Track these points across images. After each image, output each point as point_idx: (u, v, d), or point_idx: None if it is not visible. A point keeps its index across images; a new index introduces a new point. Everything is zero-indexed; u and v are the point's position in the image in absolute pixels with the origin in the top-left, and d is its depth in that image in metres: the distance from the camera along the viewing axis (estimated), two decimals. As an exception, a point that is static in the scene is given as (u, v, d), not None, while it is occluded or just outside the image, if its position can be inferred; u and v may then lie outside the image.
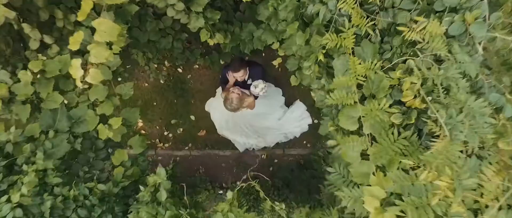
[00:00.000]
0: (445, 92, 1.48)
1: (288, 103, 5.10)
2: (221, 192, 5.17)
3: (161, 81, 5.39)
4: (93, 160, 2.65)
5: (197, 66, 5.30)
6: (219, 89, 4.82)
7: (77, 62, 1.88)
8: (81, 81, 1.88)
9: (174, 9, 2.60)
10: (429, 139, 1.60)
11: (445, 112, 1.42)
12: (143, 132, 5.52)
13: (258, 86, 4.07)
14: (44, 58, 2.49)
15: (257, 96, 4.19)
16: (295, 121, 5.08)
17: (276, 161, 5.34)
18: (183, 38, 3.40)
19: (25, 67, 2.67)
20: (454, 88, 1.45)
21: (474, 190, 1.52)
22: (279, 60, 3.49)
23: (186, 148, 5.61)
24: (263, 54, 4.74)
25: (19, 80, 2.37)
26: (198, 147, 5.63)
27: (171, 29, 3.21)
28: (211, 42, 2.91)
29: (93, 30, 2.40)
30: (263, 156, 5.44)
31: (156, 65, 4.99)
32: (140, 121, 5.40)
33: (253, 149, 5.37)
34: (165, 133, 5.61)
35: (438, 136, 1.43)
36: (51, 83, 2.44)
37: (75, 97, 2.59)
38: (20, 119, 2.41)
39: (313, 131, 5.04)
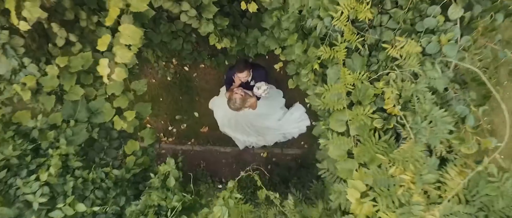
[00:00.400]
0: (418, 102, 1.77)
1: (288, 105, 5.38)
2: (220, 186, 5.47)
3: (168, 78, 5.69)
4: (107, 148, 2.95)
5: (203, 65, 5.60)
6: (223, 89, 5.12)
7: (104, 62, 2.18)
8: (107, 78, 2.17)
9: (187, 15, 2.89)
10: (404, 142, 1.89)
11: (412, 119, 1.71)
12: (148, 125, 5.82)
13: (261, 88, 4.36)
14: (63, 53, 2.80)
15: (259, 97, 4.49)
16: (294, 122, 5.36)
17: (274, 159, 5.63)
18: (193, 40, 3.70)
19: (47, 61, 2.98)
20: (422, 100, 1.74)
21: (439, 187, 1.81)
22: (280, 64, 3.78)
23: (189, 143, 5.91)
24: (266, 57, 5.02)
25: (46, 74, 2.67)
26: (200, 143, 5.92)
27: (182, 32, 3.51)
28: (219, 46, 3.20)
29: (112, 30, 2.71)
30: (262, 154, 5.73)
31: (164, 63, 5.29)
32: (147, 115, 5.69)
33: (253, 147, 5.66)
34: (170, 128, 5.91)
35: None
36: (74, 77, 2.74)
37: (94, 91, 2.90)
38: (45, 108, 2.71)
39: (310, 133, 5.33)
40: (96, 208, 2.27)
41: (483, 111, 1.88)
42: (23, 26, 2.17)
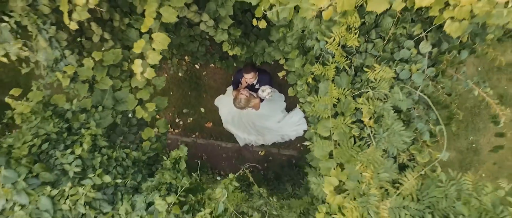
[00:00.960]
0: (382, 118, 2.25)
1: (289, 109, 5.87)
2: (219, 178, 5.96)
3: (180, 74, 6.19)
4: (127, 133, 3.46)
5: (212, 65, 6.10)
6: (230, 88, 5.62)
7: (138, 62, 2.68)
8: (141, 77, 2.67)
9: (206, 24, 3.39)
10: (374, 148, 2.38)
11: (378, 130, 2.20)
12: (157, 116, 6.34)
13: (265, 91, 4.86)
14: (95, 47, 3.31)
15: (263, 99, 4.99)
16: (293, 125, 5.85)
17: (270, 158, 6.13)
18: (207, 44, 4.20)
19: (80, 53, 3.48)
20: (386, 116, 2.22)
21: (398, 188, 2.30)
22: (283, 72, 4.25)
23: (193, 135, 6.42)
24: (272, 63, 5.52)
25: (82, 65, 3.17)
26: (203, 136, 6.43)
27: (198, 36, 4.01)
28: (231, 53, 3.70)
29: (140, 32, 3.22)
30: (260, 152, 6.22)
31: (177, 60, 5.79)
32: (157, 106, 6.21)
33: (252, 145, 6.15)
34: (177, 120, 6.42)
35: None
36: (105, 70, 3.25)
37: (120, 82, 3.40)
38: (78, 94, 3.22)
39: (306, 136, 5.83)
40: (118, 181, 2.77)
41: (439, 129, 2.37)
42: (73, 26, 2.68)
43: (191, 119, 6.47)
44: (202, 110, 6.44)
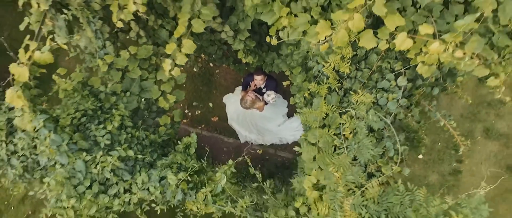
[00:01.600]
0: (356, 133, 2.86)
1: (290, 115, 6.49)
2: (217, 169, 6.59)
3: (194, 69, 6.83)
4: (146, 117, 4.09)
5: (225, 65, 6.72)
6: (239, 88, 6.25)
7: (168, 61, 3.31)
8: (170, 71, 3.30)
9: (226, 34, 4.01)
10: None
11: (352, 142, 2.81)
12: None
13: (270, 95, 5.48)
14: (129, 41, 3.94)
15: (267, 103, 5.60)
16: (291, 130, 6.46)
17: (267, 157, 6.75)
18: (224, 49, 4.82)
19: (114, 43, 4.11)
20: (359, 132, 2.83)
21: (363, 192, 2.91)
22: (287, 82, 4.85)
23: (199, 127, 7.06)
24: (278, 72, 6.13)
25: (119, 55, 3.81)
26: (208, 129, 7.06)
27: (218, 42, 4.64)
28: (244, 60, 4.32)
29: (169, 33, 3.86)
30: (258, 151, 6.84)
31: (194, 57, 6.42)
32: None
33: (251, 143, 6.77)
34: (186, 111, 7.06)
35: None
36: (137, 62, 3.88)
37: (147, 74, 4.03)
38: (112, 79, 3.85)
39: (302, 142, 6.44)
40: (139, 156, 3.40)
41: (404, 149, 2.98)
42: (119, 24, 3.31)
43: (200, 111, 7.11)
44: (211, 104, 7.08)
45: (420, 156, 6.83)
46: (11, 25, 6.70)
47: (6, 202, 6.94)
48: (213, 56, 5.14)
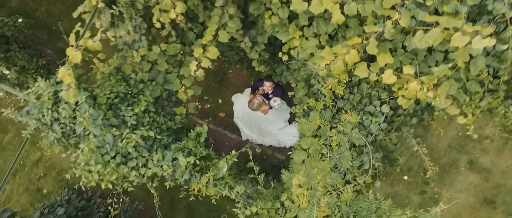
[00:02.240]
0: (339, 146, 3.52)
1: (291, 121, 7.14)
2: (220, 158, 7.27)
3: (210, 67, 7.48)
4: (165, 106, 4.77)
5: (239, 68, 7.40)
6: (248, 90, 6.92)
7: (194, 63, 3.99)
8: (195, 72, 3.98)
9: (245, 44, 4.68)
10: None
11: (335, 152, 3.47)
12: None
13: (276, 101, 6.15)
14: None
15: (272, 107, 6.27)
16: (290, 135, 7.12)
17: (264, 157, 7.42)
18: (241, 55, 5.49)
19: (147, 40, 4.78)
20: (342, 145, 3.48)
21: (338, 195, 3.56)
22: (292, 93, 5.52)
23: (207, 120, 7.74)
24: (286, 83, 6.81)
25: (151, 50, 4.49)
26: (214, 123, 7.75)
27: (237, 48, 5.31)
28: (257, 69, 4.98)
29: (197, 35, 4.53)
30: (257, 150, 7.51)
31: (212, 56, 7.09)
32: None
33: (252, 142, 7.44)
34: (197, 103, 7.73)
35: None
36: (165, 57, 4.56)
37: (172, 68, 4.71)
38: (142, 69, 4.54)
39: (299, 147, 7.10)
40: (157, 137, 4.09)
41: (378, 165, 3.63)
42: (158, 25, 3.99)
43: (209, 105, 7.79)
44: (220, 101, 7.76)
45: (405, 177, 7.48)
46: (67, 12, 7.49)
47: (22, 162, 7.67)
48: (230, 59, 5.81)
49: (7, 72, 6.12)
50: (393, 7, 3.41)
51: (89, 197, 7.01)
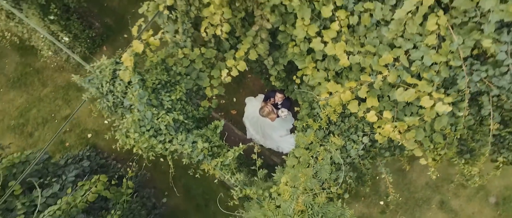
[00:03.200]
0: (323, 160, 4.65)
1: (292, 131, 8.29)
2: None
3: (233, 69, 8.65)
4: (193, 98, 5.94)
5: (258, 76, 8.55)
6: (261, 97, 8.09)
7: (225, 71, 5.14)
8: (225, 77, 5.14)
9: (268, 62, 5.83)
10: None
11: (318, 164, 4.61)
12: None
13: (284, 112, 7.30)
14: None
15: (279, 116, 7.42)
16: (289, 143, 8.28)
17: (262, 156, 8.57)
18: (262, 67, 6.65)
19: (191, 41, 5.94)
20: (325, 159, 4.61)
21: (314, 197, 4.71)
22: (298, 108, 6.66)
23: (219, 114, 8.92)
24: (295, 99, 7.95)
25: (193, 50, 5.65)
26: (225, 118, 8.93)
27: (260, 62, 6.46)
28: (273, 83, 6.13)
29: (231, 44, 5.70)
30: (258, 150, 8.63)
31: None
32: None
33: (255, 141, 8.60)
34: (214, 97, 8.91)
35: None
36: (202, 58, 5.73)
37: (205, 68, 5.87)
38: (181, 64, 5.71)
39: (294, 155, 8.24)
40: (185, 121, 5.25)
41: (351, 182, 4.76)
42: (204, 35, 5.15)
43: (224, 101, 8.97)
44: (234, 99, 8.93)
45: (381, 202, 8.60)
46: (133, 7, 8.72)
47: (53, 115, 8.90)
48: (252, 68, 6.98)
49: (66, 39, 7.33)
50: (385, 65, 4.55)
51: (104, 157, 8.22)
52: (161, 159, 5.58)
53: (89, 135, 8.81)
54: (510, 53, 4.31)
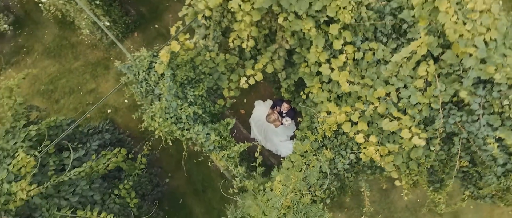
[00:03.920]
0: (313, 168, 5.62)
1: (292, 138, 9.25)
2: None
3: (248, 72, 9.62)
4: (211, 95, 6.92)
5: (270, 84, 9.52)
6: (269, 101, 9.06)
7: (244, 79, 6.10)
8: (243, 84, 6.10)
9: (281, 76, 6.78)
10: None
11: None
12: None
13: (287, 121, 8.28)
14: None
15: (282, 123, 8.38)
16: (287, 149, 9.24)
17: (262, 156, 9.52)
18: (276, 78, 7.62)
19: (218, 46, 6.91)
20: (315, 167, 5.56)
21: (301, 197, 5.67)
22: (301, 119, 7.61)
23: (229, 111, 9.88)
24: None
25: (218, 55, 6.62)
26: (234, 116, 9.89)
27: (274, 73, 7.42)
28: (283, 94, 7.09)
29: (251, 54, 6.66)
30: (258, 149, 9.60)
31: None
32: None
33: (257, 141, 9.56)
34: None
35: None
36: (225, 63, 6.70)
37: (225, 71, 6.84)
38: (207, 65, 6.67)
39: (290, 160, 9.21)
40: (203, 115, 6.22)
41: (334, 190, 5.72)
42: (231, 45, 6.12)
43: (235, 100, 9.92)
44: (245, 100, 9.91)
45: (362, 217, 9.54)
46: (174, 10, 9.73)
47: (79, 87, 9.92)
48: (266, 77, 7.94)
49: (107, 23, 8.34)
50: (378, 98, 5.50)
51: (121, 133, 9.23)
52: (170, 143, 6.53)
53: (109, 110, 9.81)
54: (482, 105, 5.25)
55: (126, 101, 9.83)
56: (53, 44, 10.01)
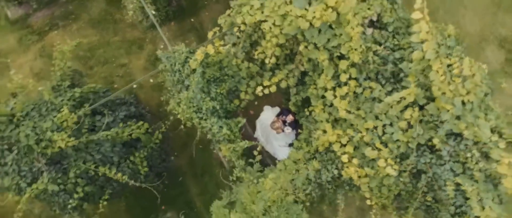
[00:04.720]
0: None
1: (290, 145, 10.42)
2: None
3: (263, 79, 10.80)
4: (229, 95, 8.10)
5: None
6: (277, 108, 10.24)
7: (260, 87, 7.27)
8: (259, 91, 7.27)
9: (292, 91, 7.95)
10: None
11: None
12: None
13: (288, 130, 9.47)
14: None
15: (283, 131, 9.56)
16: (284, 154, 10.40)
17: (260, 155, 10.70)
18: (287, 90, 8.79)
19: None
20: (302, 174, 6.72)
21: (285, 195, 6.84)
22: (301, 131, 8.75)
23: (240, 109, 11.07)
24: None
25: (243, 62, 7.79)
26: (243, 114, 11.08)
27: (287, 87, 8.59)
28: (290, 106, 8.26)
29: (270, 67, 7.85)
30: (258, 148, 10.79)
31: (269, 74, 10.38)
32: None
33: (258, 141, 10.74)
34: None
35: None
36: (246, 70, 7.88)
37: (245, 76, 8.01)
38: (231, 68, 7.86)
39: (284, 165, 10.39)
40: (219, 110, 7.40)
41: (314, 196, 6.89)
42: (258, 56, 7.30)
43: (246, 102, 11.11)
44: (256, 102, 11.02)
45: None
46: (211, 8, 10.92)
47: (113, 59, 11.14)
48: (279, 88, 9.12)
49: (154, 12, 9.55)
50: (367, 129, 6.66)
51: (143, 108, 10.45)
52: (188, 126, 7.67)
53: (135, 86, 11.04)
54: (450, 153, 6.39)
55: (151, 81, 11.05)
56: (99, 16, 11.25)
